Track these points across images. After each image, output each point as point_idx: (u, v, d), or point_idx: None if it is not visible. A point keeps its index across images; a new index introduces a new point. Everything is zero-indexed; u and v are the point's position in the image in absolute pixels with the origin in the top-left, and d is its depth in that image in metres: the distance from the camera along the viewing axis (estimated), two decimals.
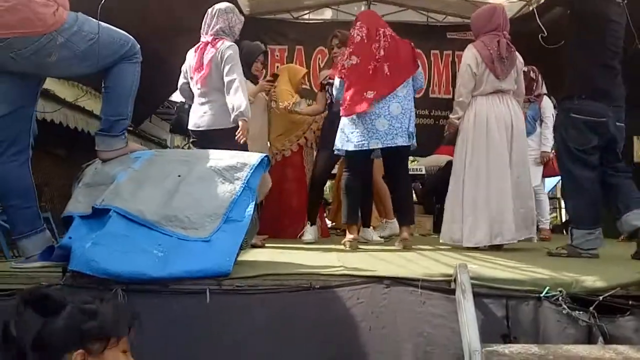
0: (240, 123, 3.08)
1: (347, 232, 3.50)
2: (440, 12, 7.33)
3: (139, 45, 2.43)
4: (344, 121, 3.40)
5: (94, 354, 1.22)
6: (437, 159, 5.88)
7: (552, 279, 1.97)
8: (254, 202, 2.28)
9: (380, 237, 4.16)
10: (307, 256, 2.78)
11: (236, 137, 3.04)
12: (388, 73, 3.33)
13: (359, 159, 3.46)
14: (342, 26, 7.49)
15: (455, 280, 1.91)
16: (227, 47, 3.22)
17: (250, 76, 4.03)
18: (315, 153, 4.77)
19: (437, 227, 4.71)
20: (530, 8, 6.44)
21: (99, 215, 2.20)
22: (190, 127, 3.41)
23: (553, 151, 4.67)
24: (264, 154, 2.43)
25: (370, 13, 3.73)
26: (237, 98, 3.11)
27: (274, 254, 2.85)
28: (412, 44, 3.57)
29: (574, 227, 3.06)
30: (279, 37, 7.32)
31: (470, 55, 3.63)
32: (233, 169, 2.32)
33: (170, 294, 1.95)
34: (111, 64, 2.33)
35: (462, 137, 3.66)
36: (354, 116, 3.32)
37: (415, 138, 3.45)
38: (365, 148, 3.33)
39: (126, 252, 2.00)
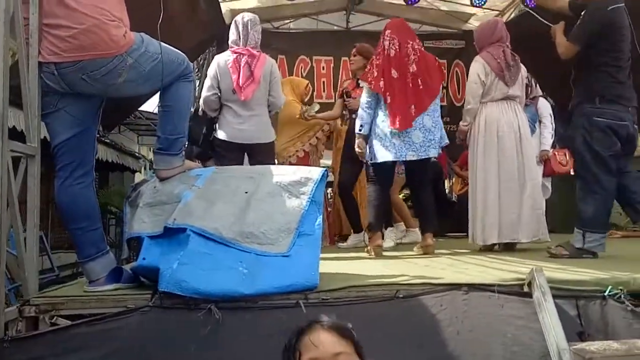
0: None
1: (371, 239, 3.61)
2: (417, 21, 7.58)
3: (192, 64, 2.46)
4: (380, 132, 3.51)
5: None
6: None
7: (612, 277, 2.15)
8: (320, 216, 2.34)
9: (403, 243, 4.34)
10: (354, 266, 2.87)
11: None
12: (422, 87, 3.48)
13: (388, 171, 3.59)
14: (322, 35, 7.69)
15: (530, 284, 2.05)
16: (274, 65, 3.32)
17: None
18: (319, 159, 4.89)
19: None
20: (506, 16, 6.79)
21: (170, 235, 2.21)
22: (226, 138, 3.40)
23: (552, 150, 4.96)
24: (324, 168, 2.50)
25: (400, 24, 3.83)
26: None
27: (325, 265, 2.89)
28: (435, 57, 3.73)
29: (589, 230, 3.12)
30: (261, 47, 7.35)
31: (478, 66, 3.83)
32: (298, 184, 2.37)
33: (260, 309, 1.98)
34: (170, 83, 2.34)
35: (473, 143, 3.87)
36: (392, 129, 3.44)
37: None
38: (402, 159, 3.47)
39: (213, 270, 2.02)
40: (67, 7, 2.02)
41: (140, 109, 8.74)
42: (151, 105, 9.19)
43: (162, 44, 2.27)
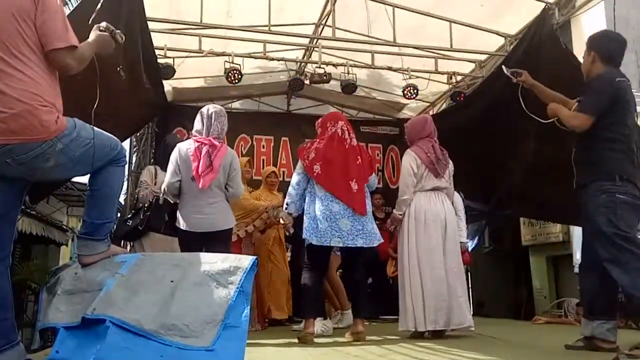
0: None
1: (304, 326, 3.57)
2: (354, 108, 7.97)
3: (125, 149, 2.46)
4: (310, 214, 3.67)
5: None
6: None
7: None
8: (248, 307, 2.31)
9: (340, 328, 4.29)
10: (282, 355, 2.80)
11: None
12: (360, 163, 3.94)
13: (321, 254, 3.64)
14: (264, 116, 7.91)
15: None
16: (234, 157, 3.56)
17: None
18: (252, 246, 4.89)
19: None
20: (436, 108, 7.24)
21: (87, 325, 2.10)
22: (187, 227, 3.39)
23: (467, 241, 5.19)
24: (255, 257, 2.49)
25: (339, 115, 4.31)
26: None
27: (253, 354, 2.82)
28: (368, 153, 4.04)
29: (607, 319, 2.89)
30: None
31: (410, 159, 4.04)
32: (227, 273, 2.34)
33: None
34: (100, 167, 2.32)
35: (403, 230, 4.00)
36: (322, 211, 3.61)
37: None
38: (326, 244, 3.53)
39: None
40: None
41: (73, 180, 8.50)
42: (85, 177, 8.94)
43: (95, 128, 2.27)
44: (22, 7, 2.04)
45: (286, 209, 3.82)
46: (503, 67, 3.26)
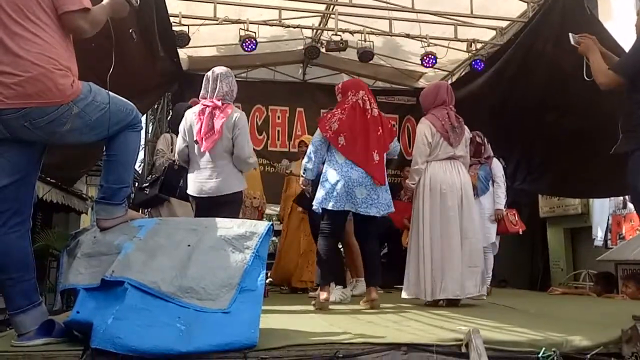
0: None
1: (321, 291, 3.60)
2: (370, 77, 7.86)
3: (140, 114, 2.46)
4: (327, 181, 3.69)
5: None
6: None
7: (546, 339, 2.21)
8: (264, 271, 2.33)
9: (353, 295, 4.30)
10: (296, 321, 2.84)
11: None
12: (380, 133, 3.90)
13: (336, 219, 3.68)
14: (279, 86, 7.85)
15: (467, 345, 2.08)
16: (239, 117, 3.37)
17: None
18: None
19: None
20: (455, 77, 7.12)
21: (106, 287, 2.14)
22: (193, 192, 3.39)
23: (505, 209, 5.10)
24: (270, 222, 2.50)
25: (358, 81, 4.27)
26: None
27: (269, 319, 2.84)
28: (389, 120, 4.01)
29: None
30: None
31: (424, 127, 3.98)
32: (242, 238, 2.35)
33: None
34: (116, 132, 2.32)
35: (417, 200, 3.97)
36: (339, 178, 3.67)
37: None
38: (340, 209, 3.58)
39: (149, 327, 1.95)
40: (14, 54, 2.00)
41: None
42: None
43: (111, 93, 2.26)
44: None
45: (304, 174, 3.81)
46: (570, 35, 2.91)
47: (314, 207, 3.71)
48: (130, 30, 3.52)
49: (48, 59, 2.04)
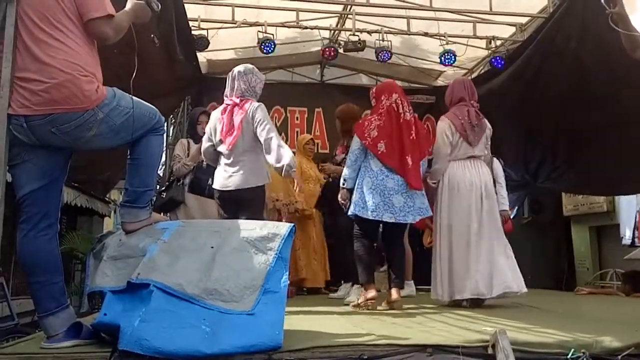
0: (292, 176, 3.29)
1: (366, 291, 3.67)
2: (388, 77, 7.81)
3: (163, 118, 2.48)
4: (364, 188, 3.68)
5: None
6: None
7: (575, 340, 2.17)
8: (287, 273, 2.33)
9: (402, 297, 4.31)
10: (320, 322, 2.83)
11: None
12: (414, 138, 3.87)
13: (371, 224, 3.70)
14: (297, 87, 7.86)
15: (494, 346, 2.05)
16: (256, 108, 3.34)
17: (197, 137, 4.30)
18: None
19: None
20: (475, 74, 7.06)
21: (132, 289, 2.17)
22: (217, 187, 3.45)
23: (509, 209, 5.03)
24: (292, 224, 2.50)
25: (393, 84, 4.21)
26: (284, 153, 3.20)
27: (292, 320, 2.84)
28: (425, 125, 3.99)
29: None
30: None
31: (444, 126, 3.95)
32: (265, 240, 2.36)
33: None
34: (140, 136, 2.35)
35: (437, 200, 3.95)
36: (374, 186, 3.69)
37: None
38: (378, 219, 3.61)
39: (175, 329, 1.97)
40: (41, 61, 2.04)
41: None
42: None
43: (134, 98, 2.29)
44: None
45: (343, 184, 3.78)
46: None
47: (349, 213, 3.70)
48: (152, 36, 3.57)
49: (73, 65, 2.07)
